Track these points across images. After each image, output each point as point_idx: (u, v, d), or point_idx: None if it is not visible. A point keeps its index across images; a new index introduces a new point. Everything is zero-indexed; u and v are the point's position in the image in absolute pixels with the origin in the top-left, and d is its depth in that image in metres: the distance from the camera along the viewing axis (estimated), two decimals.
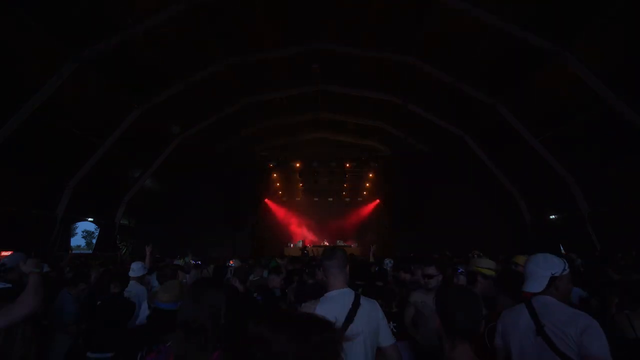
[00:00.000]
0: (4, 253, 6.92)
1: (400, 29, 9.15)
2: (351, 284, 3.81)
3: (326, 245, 16.38)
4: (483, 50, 8.49)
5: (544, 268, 1.71)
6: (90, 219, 10.84)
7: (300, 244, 15.92)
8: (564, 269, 1.70)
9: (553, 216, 10.62)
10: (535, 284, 1.71)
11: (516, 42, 7.61)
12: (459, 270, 3.05)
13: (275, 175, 15.88)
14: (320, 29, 9.82)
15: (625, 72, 6.67)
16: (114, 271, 4.39)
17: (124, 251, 11.79)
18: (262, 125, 14.74)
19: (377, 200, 17.78)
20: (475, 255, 7.17)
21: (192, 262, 6.34)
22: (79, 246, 42.61)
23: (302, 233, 18.43)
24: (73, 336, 3.40)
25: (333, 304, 1.74)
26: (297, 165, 15.50)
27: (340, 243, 16.99)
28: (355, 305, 1.73)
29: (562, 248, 10.14)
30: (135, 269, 3.85)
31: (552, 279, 1.67)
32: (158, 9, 7.46)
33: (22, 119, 6.90)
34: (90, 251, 14.98)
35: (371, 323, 1.75)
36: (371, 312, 1.79)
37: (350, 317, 1.68)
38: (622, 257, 5.88)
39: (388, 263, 4.65)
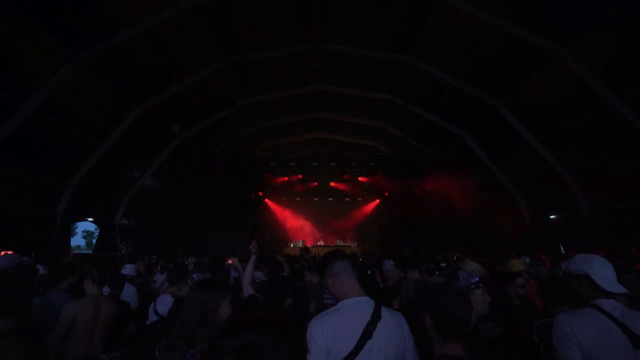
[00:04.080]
0: (4, 253, 6.92)
1: (401, 29, 9.15)
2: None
3: (322, 245, 16.39)
4: (483, 50, 8.49)
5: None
6: (90, 219, 10.84)
7: (300, 244, 15.91)
8: None
9: (553, 216, 10.61)
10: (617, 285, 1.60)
11: (516, 42, 7.61)
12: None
13: (275, 175, 15.87)
14: (320, 29, 9.83)
15: (626, 72, 6.66)
16: (111, 272, 4.39)
17: (123, 251, 11.79)
18: (262, 125, 14.76)
19: (377, 200, 17.78)
20: (456, 257, 7.18)
21: (193, 263, 6.32)
22: (79, 246, 42.66)
23: (302, 233, 18.42)
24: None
25: (348, 314, 1.48)
26: (297, 165, 15.48)
27: (340, 243, 16.99)
28: (376, 317, 1.46)
29: (562, 248, 10.14)
30: (129, 268, 3.86)
31: None
32: (158, 8, 7.47)
33: (22, 119, 6.90)
34: (90, 251, 14.98)
35: (393, 340, 1.48)
36: (394, 328, 1.51)
37: (367, 332, 1.41)
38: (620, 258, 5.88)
39: (387, 264, 4.63)
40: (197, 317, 1.54)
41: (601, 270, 1.62)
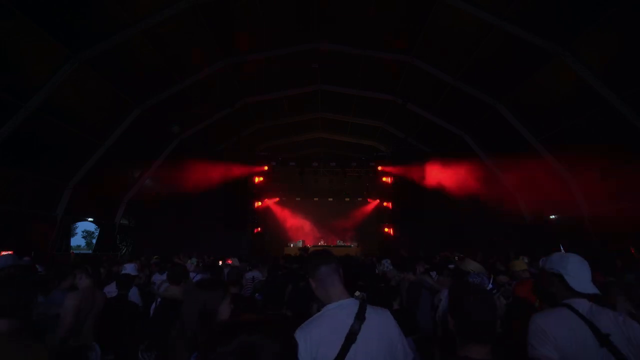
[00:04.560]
0: (4, 253, 6.92)
1: (401, 29, 9.15)
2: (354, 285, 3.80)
3: (322, 245, 16.38)
4: (483, 50, 8.48)
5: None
6: (90, 219, 10.84)
7: (300, 244, 15.90)
8: None
9: (553, 216, 10.61)
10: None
11: (516, 42, 7.61)
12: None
13: (275, 175, 15.87)
14: (320, 29, 9.83)
15: (626, 72, 6.66)
16: (117, 273, 4.39)
17: (123, 251, 11.80)
18: (262, 125, 14.76)
19: (377, 200, 17.77)
20: (456, 258, 7.18)
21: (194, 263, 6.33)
22: (79, 246, 42.65)
23: (302, 233, 18.41)
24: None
25: (332, 319, 1.42)
26: (297, 165, 15.48)
27: (340, 243, 16.98)
28: (360, 318, 1.41)
29: (562, 248, 10.14)
30: (129, 268, 3.85)
31: None
32: (158, 8, 7.47)
33: (22, 119, 6.90)
34: (90, 251, 14.99)
35: (380, 340, 1.42)
36: (381, 328, 1.44)
37: (351, 335, 1.35)
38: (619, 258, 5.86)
39: (386, 263, 4.64)
40: (196, 318, 1.54)
41: (575, 270, 1.64)
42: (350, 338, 1.36)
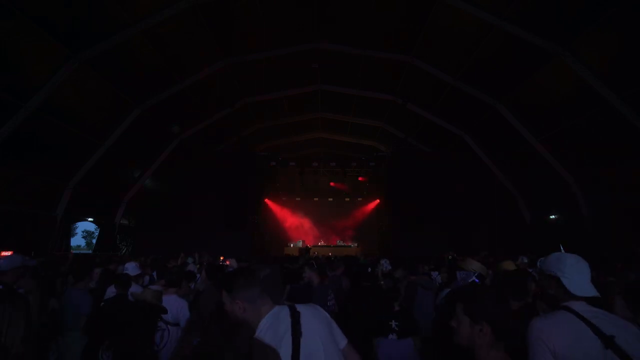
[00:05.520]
0: (4, 253, 6.92)
1: (401, 29, 9.15)
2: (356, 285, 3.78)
3: (322, 245, 16.38)
4: (483, 50, 8.49)
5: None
6: (90, 219, 10.84)
7: (300, 244, 15.91)
8: None
9: (553, 216, 10.61)
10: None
11: (516, 42, 7.61)
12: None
13: (275, 175, 15.86)
14: (320, 29, 9.83)
15: (626, 72, 6.66)
16: (115, 272, 4.37)
17: (123, 251, 11.79)
18: (262, 125, 14.77)
19: (377, 200, 17.77)
20: (450, 257, 7.16)
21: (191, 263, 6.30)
22: (79, 246, 42.63)
23: (302, 233, 18.42)
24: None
25: (273, 330, 1.45)
26: (297, 165, 15.49)
27: (340, 243, 17.00)
28: (295, 316, 1.47)
29: (562, 248, 10.14)
30: (130, 268, 3.83)
31: None
32: (158, 8, 7.47)
33: (22, 119, 6.90)
34: (90, 251, 14.98)
35: (320, 326, 1.52)
36: (314, 318, 1.54)
37: (296, 331, 1.42)
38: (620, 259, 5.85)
39: (385, 263, 4.63)
40: (211, 308, 1.67)
41: (572, 272, 1.58)
42: (296, 332, 1.42)
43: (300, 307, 1.53)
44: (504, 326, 1.34)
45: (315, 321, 1.52)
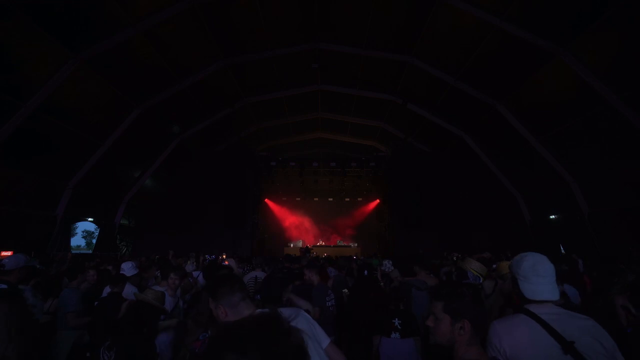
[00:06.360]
0: (4, 253, 6.92)
1: (401, 29, 9.15)
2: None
3: (322, 245, 16.38)
4: (483, 50, 8.48)
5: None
6: (90, 219, 10.83)
7: (300, 244, 15.91)
8: None
9: (553, 216, 10.62)
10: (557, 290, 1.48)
11: (516, 42, 7.61)
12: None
13: (275, 175, 15.88)
14: (320, 29, 9.83)
15: (626, 72, 6.66)
16: (111, 272, 4.38)
17: (123, 251, 11.79)
18: (262, 125, 14.76)
19: (377, 200, 17.77)
20: (455, 258, 7.15)
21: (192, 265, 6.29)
22: (79, 246, 42.69)
23: (302, 233, 18.43)
24: (79, 329, 3.39)
25: None
26: (297, 165, 15.51)
27: (340, 243, 16.99)
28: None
29: (562, 248, 10.14)
30: (126, 268, 3.83)
31: None
32: (158, 9, 7.47)
33: (22, 119, 6.90)
34: (90, 251, 14.98)
35: (305, 328, 1.55)
36: (294, 320, 1.59)
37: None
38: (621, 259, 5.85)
39: (387, 264, 4.62)
40: (209, 309, 1.70)
41: (528, 275, 1.48)
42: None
43: (282, 311, 1.53)
44: (481, 321, 1.37)
45: (295, 322, 1.56)
